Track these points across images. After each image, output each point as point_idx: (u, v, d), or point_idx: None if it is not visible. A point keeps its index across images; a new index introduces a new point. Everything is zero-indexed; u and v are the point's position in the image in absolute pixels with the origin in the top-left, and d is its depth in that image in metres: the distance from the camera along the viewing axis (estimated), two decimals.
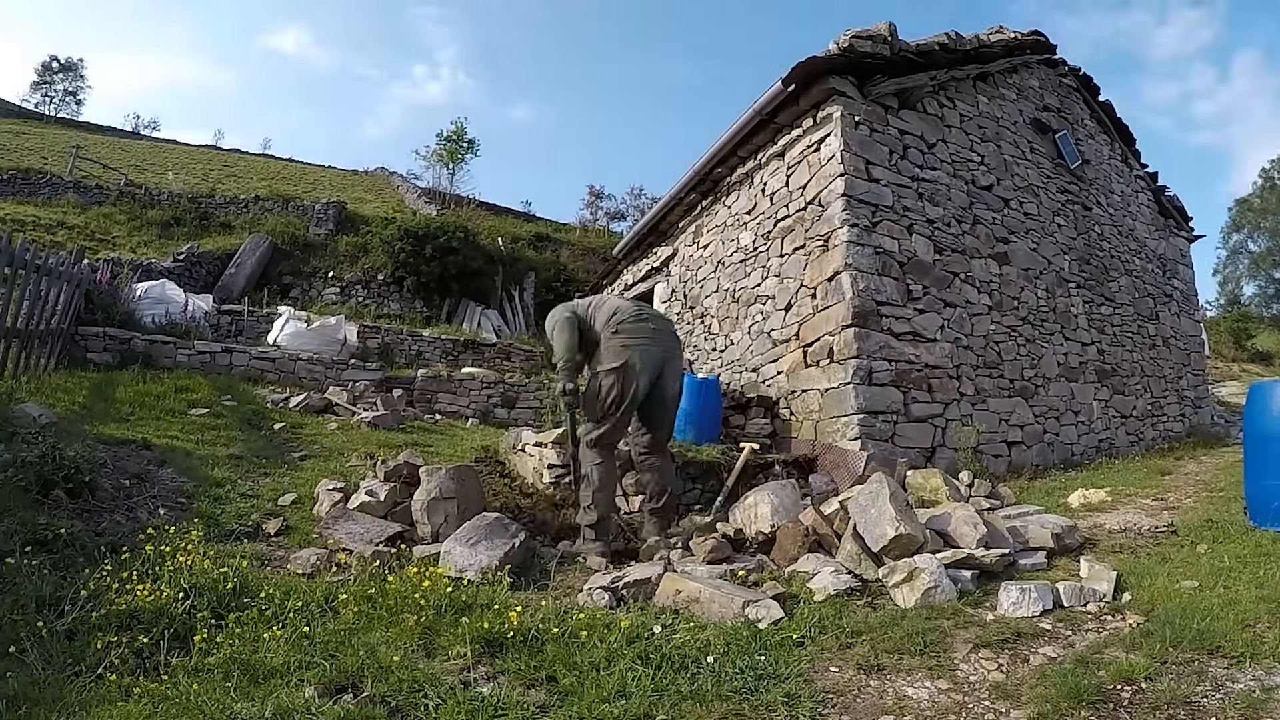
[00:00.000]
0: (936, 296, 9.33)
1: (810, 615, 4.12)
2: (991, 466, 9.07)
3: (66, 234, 24.18)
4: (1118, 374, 11.95)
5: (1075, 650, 3.71)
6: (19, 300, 9.35)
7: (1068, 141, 12.33)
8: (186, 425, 8.84)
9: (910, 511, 5.12)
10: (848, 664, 3.62)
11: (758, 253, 10.63)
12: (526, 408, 14.49)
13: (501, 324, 25.75)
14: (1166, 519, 6.14)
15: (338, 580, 4.47)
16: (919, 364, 8.90)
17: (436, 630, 3.81)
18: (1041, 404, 10.27)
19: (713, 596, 4.27)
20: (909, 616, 4.13)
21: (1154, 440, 12.33)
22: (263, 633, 3.62)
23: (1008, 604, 4.25)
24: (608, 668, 3.46)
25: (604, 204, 50.97)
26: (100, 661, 3.28)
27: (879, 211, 9.04)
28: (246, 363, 13.28)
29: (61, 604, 3.73)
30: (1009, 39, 11.62)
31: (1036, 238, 11.12)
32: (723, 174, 11.82)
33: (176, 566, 4.18)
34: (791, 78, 9.09)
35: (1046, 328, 10.76)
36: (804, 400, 9.07)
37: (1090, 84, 13.63)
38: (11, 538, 4.36)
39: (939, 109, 10.31)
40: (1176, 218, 15.14)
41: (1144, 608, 4.14)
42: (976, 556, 4.80)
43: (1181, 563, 4.88)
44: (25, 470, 5.30)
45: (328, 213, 29.85)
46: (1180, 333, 14.07)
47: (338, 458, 8.37)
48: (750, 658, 3.60)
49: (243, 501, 6.30)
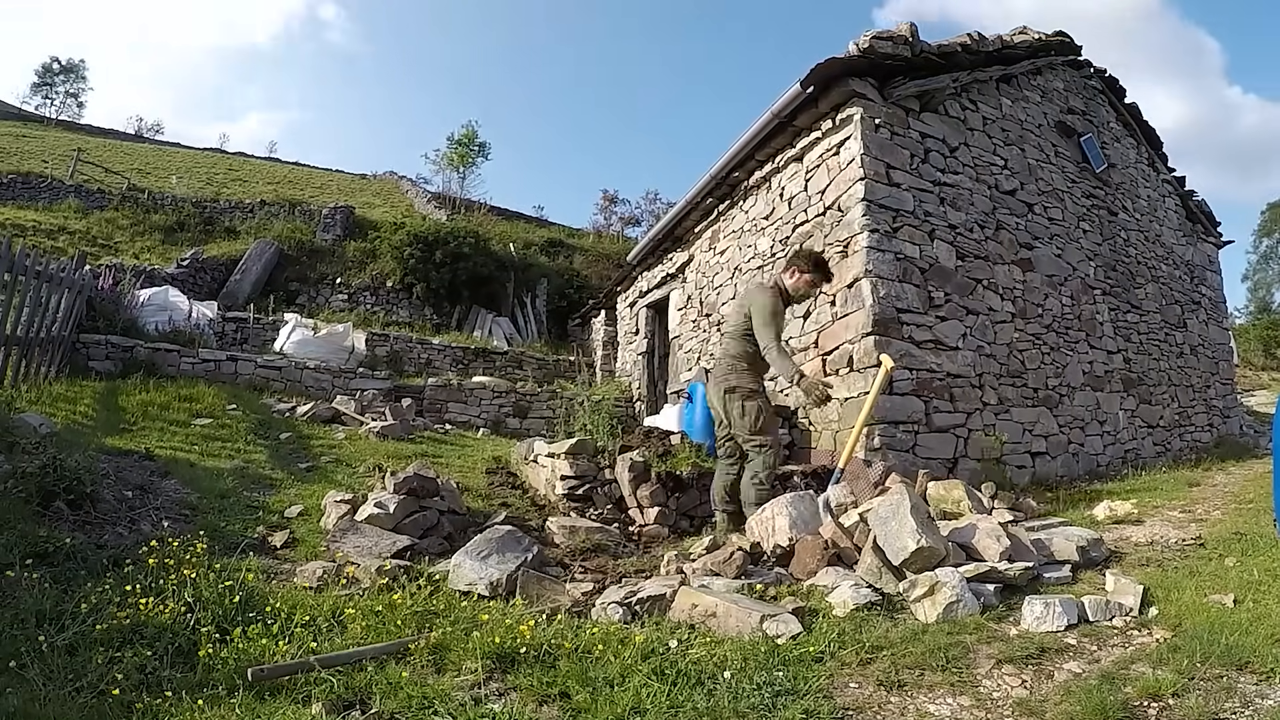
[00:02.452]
0: (959, 304, 9.30)
1: (829, 630, 4.11)
2: (1015, 478, 9.03)
3: (68, 239, 24.36)
4: (1144, 383, 11.91)
5: (1101, 666, 3.69)
6: (19, 307, 9.41)
7: (1093, 145, 12.30)
8: (190, 435, 8.87)
9: (932, 524, 5.11)
10: (868, 680, 3.61)
11: (776, 258, 10.56)
12: (539, 417, 14.54)
13: (513, 331, 25.81)
14: (1194, 531, 6.12)
15: (345, 594, 4.48)
16: (941, 373, 8.86)
17: (446, 645, 3.81)
18: (1066, 414, 10.24)
19: (729, 611, 4.26)
20: (930, 631, 4.11)
21: (1181, 451, 12.28)
22: (269, 648, 3.62)
23: (1032, 618, 4.22)
24: (622, 684, 3.45)
25: (618, 209, 50.95)
26: (102, 677, 3.28)
27: (900, 216, 9.01)
28: (252, 371, 13.34)
29: (63, 618, 3.73)
30: (1033, 39, 11.59)
31: (1061, 243, 11.09)
32: (740, 178, 11.78)
33: (180, 580, 4.18)
34: (810, 79, 9.02)
35: (1071, 336, 10.73)
36: (823, 410, 9.04)
37: (1116, 86, 13.58)
38: (11, 550, 4.36)
39: (961, 111, 10.28)
40: (1204, 222, 15.09)
41: (1171, 622, 4.11)
42: (1000, 570, 4.78)
43: (1210, 576, 4.85)
44: (25, 481, 5.31)
45: (335, 217, 29.97)
46: (1208, 340, 14.03)
47: (345, 469, 8.39)
48: (768, 673, 3.58)
49: (248, 514, 6.32)
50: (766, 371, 6.92)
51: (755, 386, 6.78)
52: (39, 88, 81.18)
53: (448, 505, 6.73)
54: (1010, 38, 11.14)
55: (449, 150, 47.64)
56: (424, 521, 6.30)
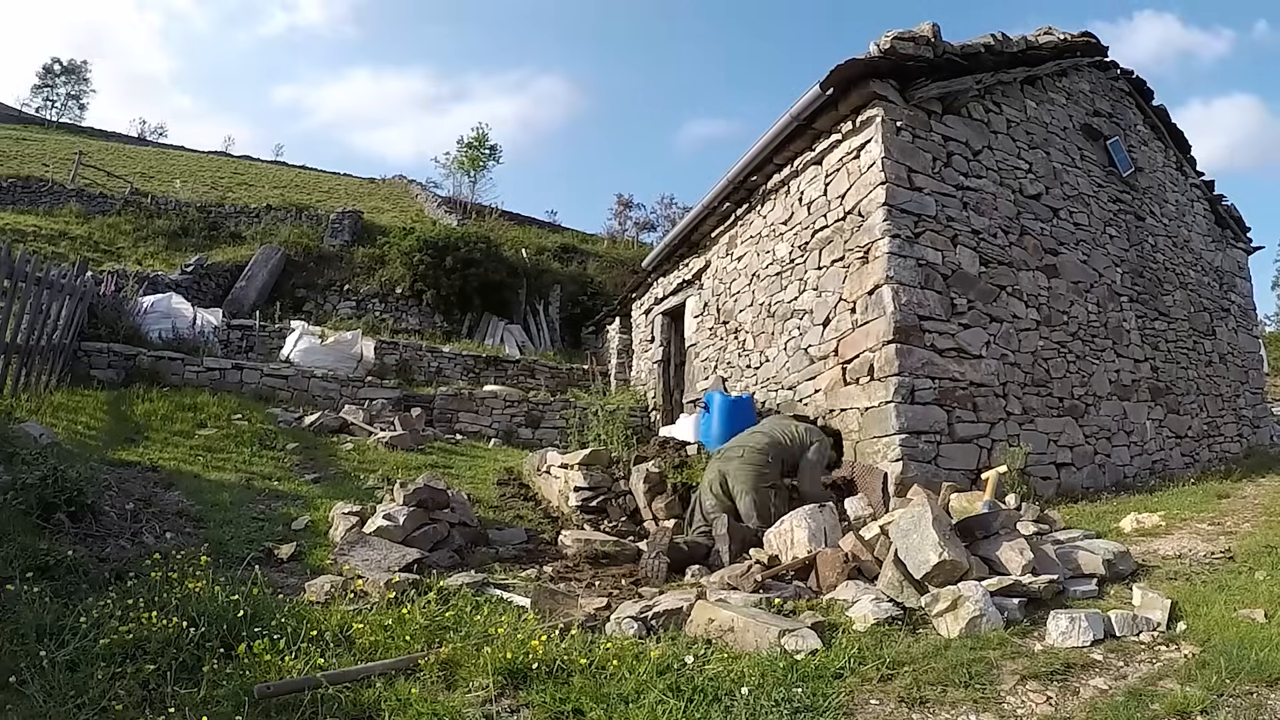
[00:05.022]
0: (982, 311, 9.25)
1: (849, 645, 4.10)
2: (1039, 489, 8.96)
3: (69, 245, 24.41)
4: (1172, 392, 11.85)
5: (1127, 682, 3.68)
6: (19, 315, 9.45)
7: (1120, 148, 12.25)
8: (195, 446, 8.91)
9: (954, 537, 5.09)
10: (889, 696, 3.60)
11: (794, 265, 10.57)
12: (552, 427, 14.54)
13: (525, 339, 25.78)
14: (1223, 544, 6.08)
15: (353, 609, 4.48)
16: (963, 382, 8.82)
17: (457, 661, 3.81)
18: (1092, 424, 10.17)
19: (747, 625, 4.25)
20: (953, 646, 4.10)
21: (1210, 462, 12.19)
22: (275, 664, 3.63)
23: (1057, 633, 4.21)
24: (637, 700, 3.45)
25: (633, 214, 51.06)
26: (104, 693, 3.29)
27: (922, 222, 8.98)
28: (258, 380, 13.38)
29: (64, 633, 3.74)
30: (1058, 40, 11.55)
31: (1087, 249, 11.04)
32: (758, 182, 11.75)
33: (184, 594, 4.19)
34: (830, 81, 9.00)
35: (1097, 344, 10.67)
36: (843, 420, 9.02)
37: (1144, 88, 13.53)
38: (11, 564, 4.38)
39: (984, 114, 10.24)
40: (1234, 228, 15.02)
41: (1200, 637, 4.10)
42: (1024, 583, 4.77)
43: (1239, 590, 4.82)
44: (26, 493, 5.33)
45: (343, 222, 30.01)
46: (1238, 349, 13.94)
47: (353, 480, 8.41)
48: (787, 690, 3.58)
49: (253, 526, 6.34)
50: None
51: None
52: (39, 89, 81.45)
53: (459, 517, 6.75)
54: (1035, 38, 11.11)
55: (459, 153, 47.71)
56: (434, 534, 6.31)
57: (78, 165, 34.84)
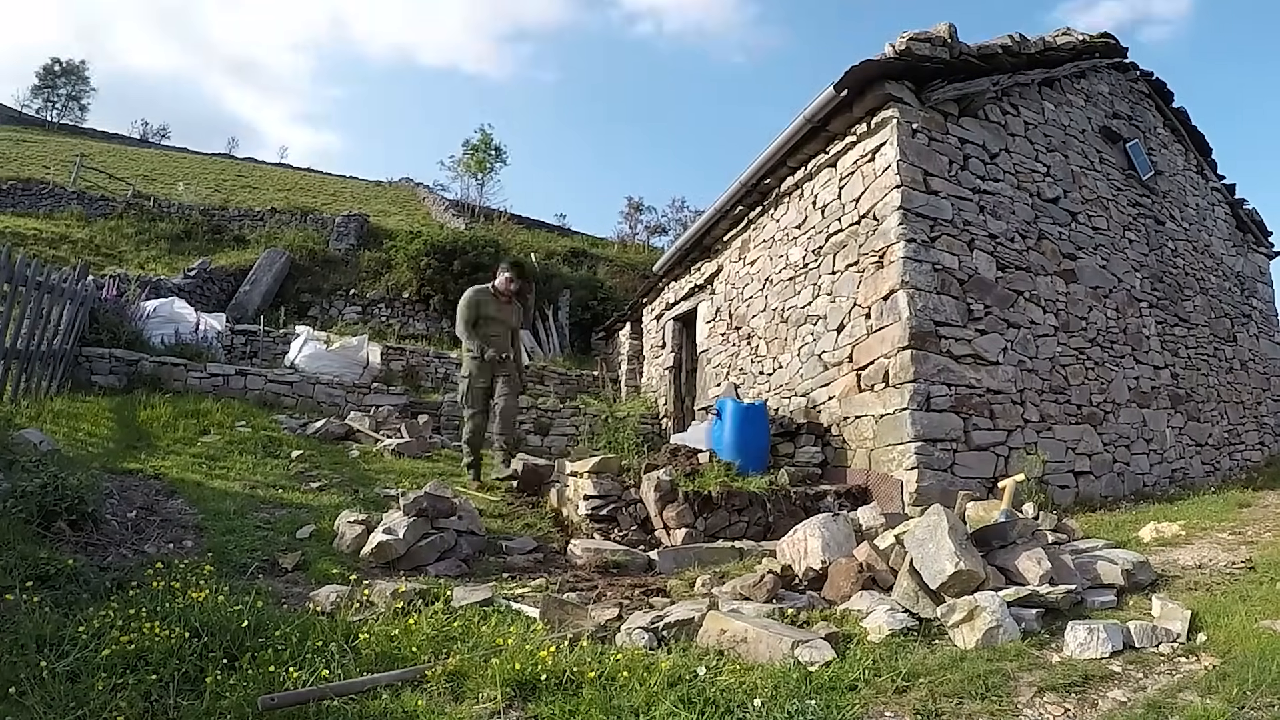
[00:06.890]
0: (999, 316, 9.26)
1: (864, 656, 4.09)
2: (1057, 498, 8.96)
3: (70, 248, 24.53)
4: (1192, 399, 11.83)
5: (1146, 694, 3.66)
6: (19, 319, 9.47)
7: (1139, 151, 12.24)
8: (198, 453, 8.91)
9: (970, 546, 5.08)
10: (904, 709, 3.59)
11: (808, 269, 10.59)
12: (561, 434, 14.56)
13: (534, 345, 25.74)
14: (1244, 554, 6.06)
15: (359, 619, 4.49)
16: (980, 388, 8.81)
17: (465, 672, 3.81)
18: (1111, 431, 10.17)
19: (760, 636, 4.24)
20: (969, 658, 4.08)
21: (1231, 470, 12.18)
22: (279, 675, 3.63)
23: (1075, 645, 4.20)
24: (648, 712, 3.44)
25: (644, 217, 51.21)
26: (105, 705, 3.27)
27: (938, 225, 8.99)
28: (262, 386, 13.40)
29: (64, 643, 3.72)
30: (1077, 41, 11.56)
31: (1106, 254, 11.04)
32: (771, 185, 11.77)
33: (187, 603, 4.19)
34: (844, 82, 9.00)
35: (1116, 350, 10.66)
36: (857, 427, 9.02)
37: (1164, 90, 13.53)
38: (11, 573, 4.37)
39: (1002, 116, 10.25)
40: (1256, 232, 15.00)
41: (1221, 649, 4.08)
42: (1041, 594, 4.75)
43: (1261, 601, 4.79)
44: (25, 501, 5.33)
45: (349, 226, 30.09)
46: (1260, 355, 13.94)
47: (360, 488, 8.41)
48: (800, 702, 3.57)
49: (257, 534, 6.33)
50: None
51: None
52: (40, 90, 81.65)
53: (466, 526, 6.74)
54: (1053, 39, 11.12)
55: (466, 156, 47.79)
56: (441, 544, 6.30)
57: (79, 167, 35.03)
